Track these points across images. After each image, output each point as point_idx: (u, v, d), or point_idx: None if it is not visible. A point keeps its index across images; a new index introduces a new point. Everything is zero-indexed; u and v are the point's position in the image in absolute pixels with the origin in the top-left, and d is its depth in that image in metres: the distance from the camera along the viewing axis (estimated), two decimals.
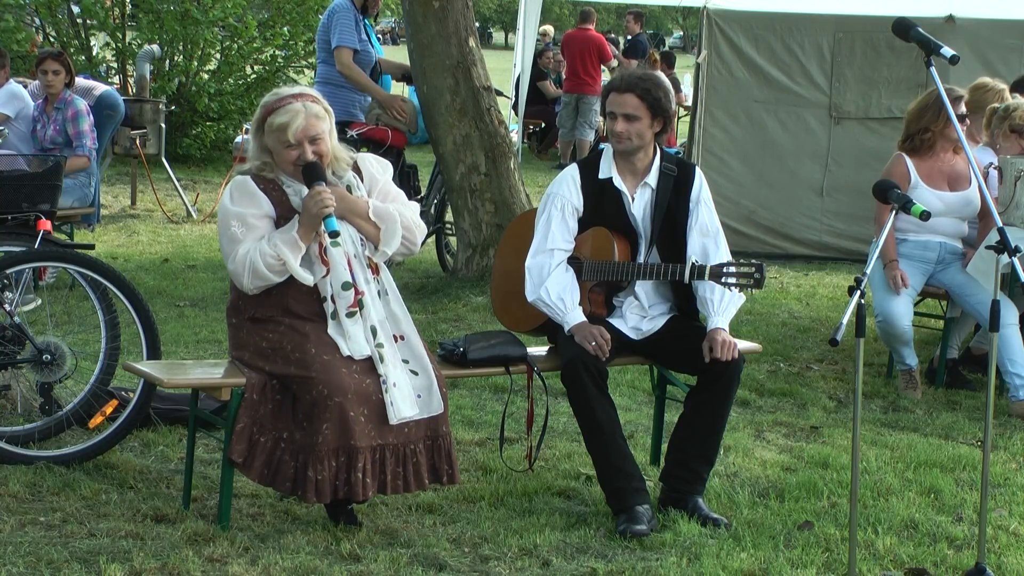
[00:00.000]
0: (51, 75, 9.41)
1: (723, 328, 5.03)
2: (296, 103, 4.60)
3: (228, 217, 4.61)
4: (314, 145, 4.61)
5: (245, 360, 4.66)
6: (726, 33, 10.93)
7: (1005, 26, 10.64)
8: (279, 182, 4.67)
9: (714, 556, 4.57)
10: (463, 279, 8.92)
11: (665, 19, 60.80)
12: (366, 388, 4.52)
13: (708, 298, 5.07)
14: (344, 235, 4.63)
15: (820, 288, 9.80)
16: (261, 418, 4.56)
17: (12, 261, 5.48)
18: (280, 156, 4.64)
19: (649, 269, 5.07)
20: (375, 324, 4.62)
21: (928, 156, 6.98)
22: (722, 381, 4.98)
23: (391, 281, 4.77)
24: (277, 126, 4.59)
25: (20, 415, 5.55)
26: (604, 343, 4.97)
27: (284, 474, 4.55)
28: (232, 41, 16.00)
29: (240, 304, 4.71)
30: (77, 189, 9.23)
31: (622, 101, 5.09)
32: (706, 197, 5.21)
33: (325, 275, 4.60)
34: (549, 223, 5.15)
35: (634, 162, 5.16)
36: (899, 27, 4.51)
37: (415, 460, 4.62)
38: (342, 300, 4.60)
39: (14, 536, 4.51)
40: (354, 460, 4.48)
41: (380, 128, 9.13)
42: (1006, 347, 6.62)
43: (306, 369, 4.51)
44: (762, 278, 4.89)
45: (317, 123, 4.61)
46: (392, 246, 4.68)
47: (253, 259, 4.51)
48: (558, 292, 5.07)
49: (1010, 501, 5.35)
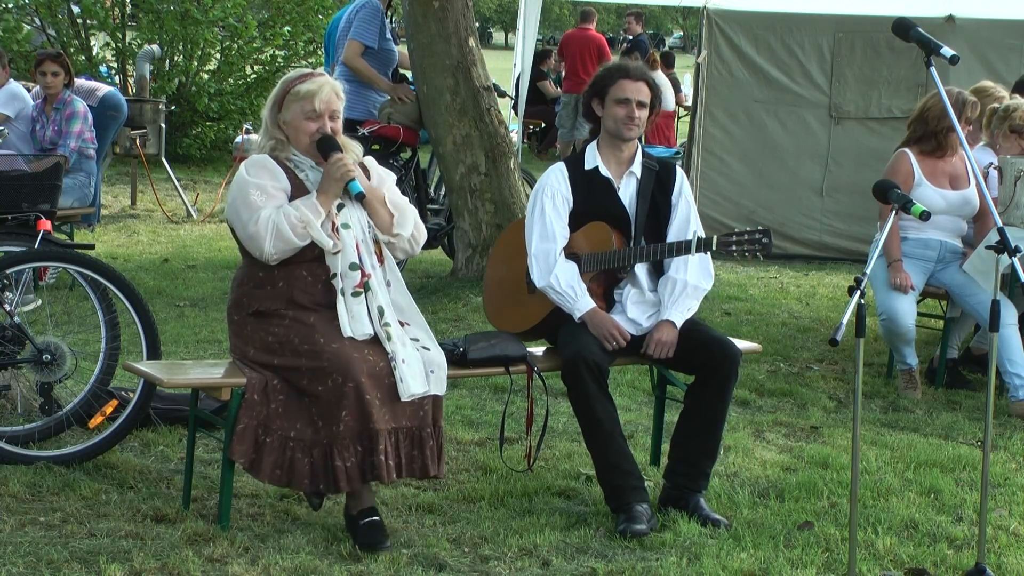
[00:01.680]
0: (50, 76, 9.41)
1: (672, 322, 5.07)
2: (322, 76, 4.72)
3: (247, 187, 4.62)
4: (333, 122, 4.70)
5: (249, 357, 4.66)
6: (726, 33, 10.93)
7: (1005, 26, 10.64)
8: (290, 163, 4.71)
9: (714, 556, 4.57)
10: (463, 279, 8.93)
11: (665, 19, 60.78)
12: (380, 372, 4.53)
13: (663, 291, 5.14)
14: (353, 219, 4.66)
15: (820, 288, 9.80)
16: (265, 419, 4.55)
17: (12, 261, 5.48)
18: (298, 128, 4.68)
19: (653, 250, 5.10)
20: (383, 305, 4.64)
21: (938, 155, 6.98)
22: (719, 375, 5.00)
23: (397, 272, 4.80)
24: (304, 93, 4.66)
25: (20, 415, 5.55)
26: (619, 334, 5.02)
27: (300, 472, 4.53)
28: (232, 41, 16.00)
29: (243, 300, 4.71)
30: (77, 189, 9.22)
31: (638, 88, 5.15)
32: (687, 193, 5.28)
33: (335, 252, 4.62)
34: (544, 211, 5.18)
35: (623, 151, 5.22)
36: (899, 27, 4.50)
37: (431, 444, 4.62)
38: (348, 280, 4.62)
39: (14, 536, 4.51)
40: (375, 443, 4.48)
41: (391, 126, 9.18)
42: (1006, 347, 6.62)
43: (317, 359, 4.51)
44: (769, 243, 5.01)
45: (337, 101, 4.72)
46: (406, 229, 4.74)
47: (277, 221, 4.54)
48: (567, 280, 5.10)
49: (1010, 501, 5.35)
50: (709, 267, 5.21)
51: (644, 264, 5.18)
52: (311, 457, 4.52)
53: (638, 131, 5.18)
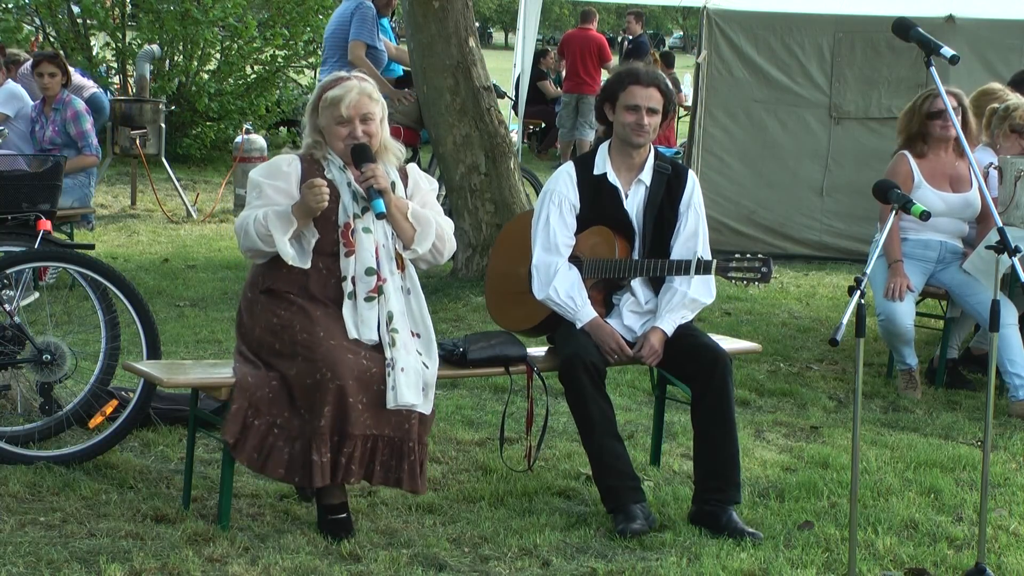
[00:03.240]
0: (47, 77, 9.41)
1: (663, 329, 5.06)
2: (352, 81, 4.74)
3: (250, 183, 4.74)
4: (365, 124, 4.71)
5: (255, 336, 4.66)
6: (726, 33, 10.92)
7: (1005, 26, 10.63)
8: (324, 162, 4.73)
9: (714, 556, 4.57)
10: (463, 279, 8.93)
11: (665, 19, 60.80)
12: (370, 377, 4.54)
13: (661, 298, 5.12)
14: (376, 224, 4.67)
15: (820, 288, 9.80)
16: (257, 401, 4.57)
17: (12, 261, 5.48)
18: (332, 134, 4.72)
19: (654, 266, 5.07)
20: (393, 311, 4.65)
21: (928, 156, 6.99)
22: (714, 382, 4.94)
23: (417, 282, 4.81)
24: (331, 100, 4.69)
25: (20, 415, 5.55)
26: (621, 348, 5.03)
27: (276, 460, 4.55)
28: (232, 41, 16.00)
29: (259, 278, 4.74)
30: (77, 189, 9.23)
31: (648, 95, 5.09)
32: (697, 202, 5.21)
33: (348, 255, 4.63)
34: (549, 221, 5.16)
35: (634, 157, 5.17)
36: (899, 27, 4.50)
37: (411, 458, 4.62)
38: (363, 284, 4.64)
39: (14, 536, 4.51)
40: (343, 444, 4.51)
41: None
42: (1006, 347, 6.62)
43: (311, 351, 4.53)
44: (769, 272, 4.97)
45: (370, 103, 4.73)
46: (424, 247, 4.74)
47: (247, 223, 4.59)
48: (567, 290, 5.08)
49: (1010, 501, 5.35)
50: (711, 285, 5.17)
51: (643, 278, 5.16)
52: (292, 448, 4.54)
53: (648, 138, 5.12)
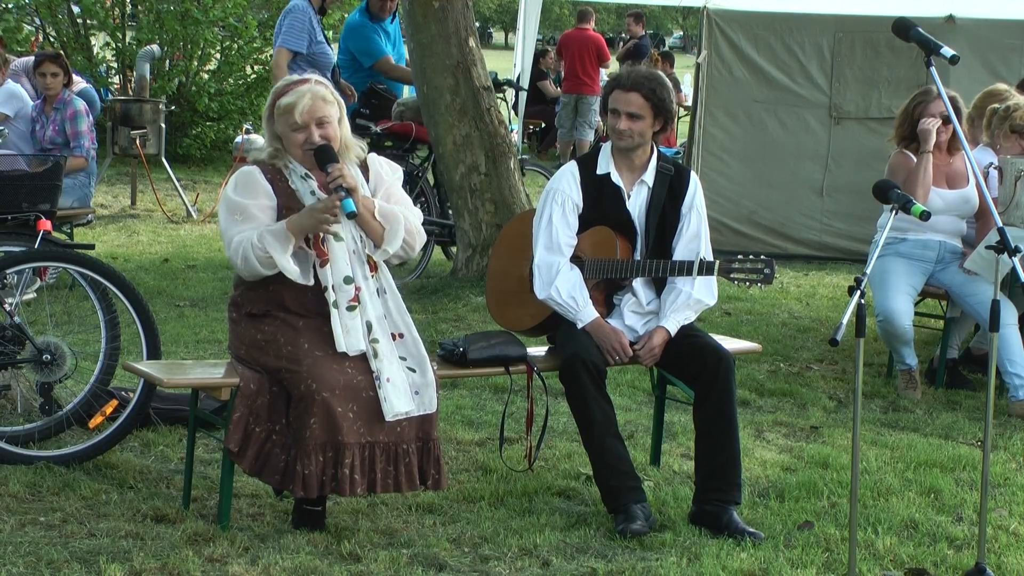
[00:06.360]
0: (49, 77, 9.41)
1: (667, 329, 5.06)
2: (303, 86, 4.64)
3: (229, 205, 4.64)
4: (321, 128, 4.62)
5: (242, 355, 4.69)
6: (726, 33, 10.93)
7: (1005, 26, 10.64)
8: (285, 171, 4.68)
9: (714, 556, 4.57)
10: (463, 279, 8.93)
11: (665, 19, 60.78)
12: (357, 384, 4.52)
13: (665, 298, 5.12)
14: (344, 231, 4.63)
15: (820, 288, 9.80)
16: (258, 408, 4.58)
17: (12, 261, 5.48)
18: (289, 140, 4.65)
19: (656, 266, 5.07)
20: (371, 320, 4.62)
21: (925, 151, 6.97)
22: (717, 383, 4.95)
23: (391, 280, 4.77)
24: (284, 107, 4.62)
25: (20, 415, 5.55)
26: (623, 350, 5.02)
27: (273, 466, 4.56)
28: (232, 41, 16.01)
29: (239, 300, 4.74)
30: (77, 189, 9.23)
31: (627, 99, 5.09)
32: (699, 204, 5.22)
33: (323, 264, 4.59)
34: (552, 220, 5.16)
35: (632, 158, 5.18)
36: (899, 27, 4.50)
37: (407, 460, 4.61)
38: (343, 293, 4.60)
39: (14, 536, 4.51)
40: (341, 456, 4.48)
41: (404, 123, 9.23)
42: (1006, 347, 6.62)
43: (296, 363, 4.52)
44: (772, 273, 4.97)
45: (324, 106, 4.63)
46: (394, 246, 4.68)
47: (245, 250, 4.53)
48: (568, 290, 5.08)
49: (1010, 501, 5.35)
50: (713, 286, 5.17)
51: (644, 279, 5.17)
52: (288, 455, 4.55)
53: (631, 141, 5.10)
